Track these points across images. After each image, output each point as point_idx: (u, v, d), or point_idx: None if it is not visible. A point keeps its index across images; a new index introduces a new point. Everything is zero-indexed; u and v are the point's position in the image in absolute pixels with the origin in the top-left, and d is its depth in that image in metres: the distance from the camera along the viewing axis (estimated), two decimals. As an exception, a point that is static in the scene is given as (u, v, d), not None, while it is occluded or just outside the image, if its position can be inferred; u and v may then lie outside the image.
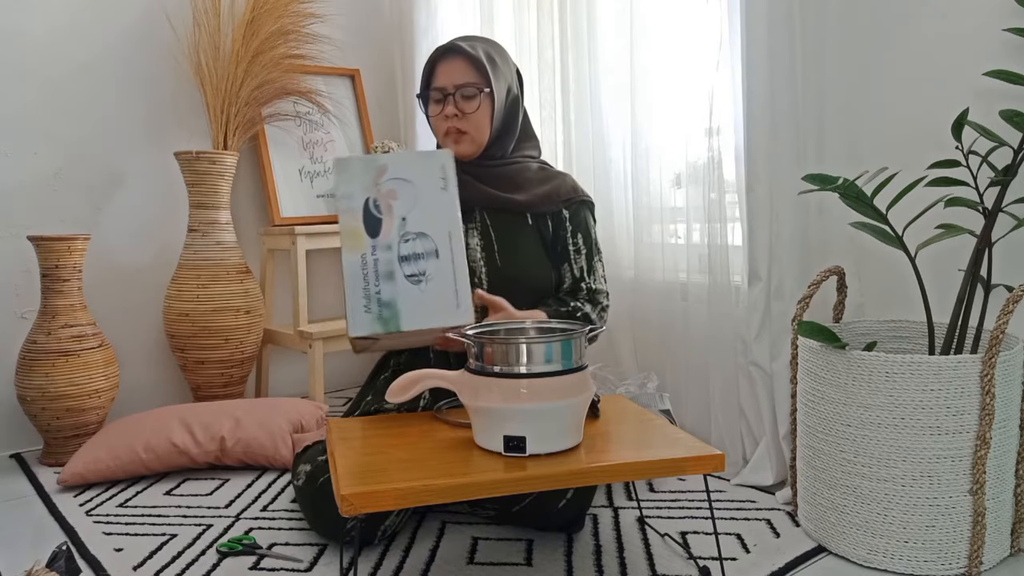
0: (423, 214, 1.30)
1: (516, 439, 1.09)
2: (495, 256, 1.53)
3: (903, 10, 1.52)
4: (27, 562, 1.37)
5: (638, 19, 1.89)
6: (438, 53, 1.55)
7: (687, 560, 1.34)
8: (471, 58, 1.52)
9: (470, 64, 1.52)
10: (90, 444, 1.80)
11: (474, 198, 1.55)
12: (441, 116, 1.54)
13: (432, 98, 1.56)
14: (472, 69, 1.52)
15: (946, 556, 1.26)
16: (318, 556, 1.38)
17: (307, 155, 2.50)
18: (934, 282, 1.46)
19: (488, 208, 1.56)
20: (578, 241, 1.58)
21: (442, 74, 1.54)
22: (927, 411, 1.24)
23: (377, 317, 1.25)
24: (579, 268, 1.58)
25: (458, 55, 1.53)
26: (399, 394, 1.16)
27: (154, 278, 2.29)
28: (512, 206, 1.55)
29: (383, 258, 1.27)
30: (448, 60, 1.53)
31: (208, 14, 2.23)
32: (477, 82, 1.52)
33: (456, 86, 1.52)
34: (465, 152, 1.56)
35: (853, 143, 1.60)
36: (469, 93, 1.52)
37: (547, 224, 1.58)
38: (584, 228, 1.60)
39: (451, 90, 1.52)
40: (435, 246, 1.29)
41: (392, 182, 1.29)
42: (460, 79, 1.52)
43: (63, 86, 2.13)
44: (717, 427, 1.77)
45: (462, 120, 1.53)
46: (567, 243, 1.58)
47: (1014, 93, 1.35)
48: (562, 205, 1.58)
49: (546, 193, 1.57)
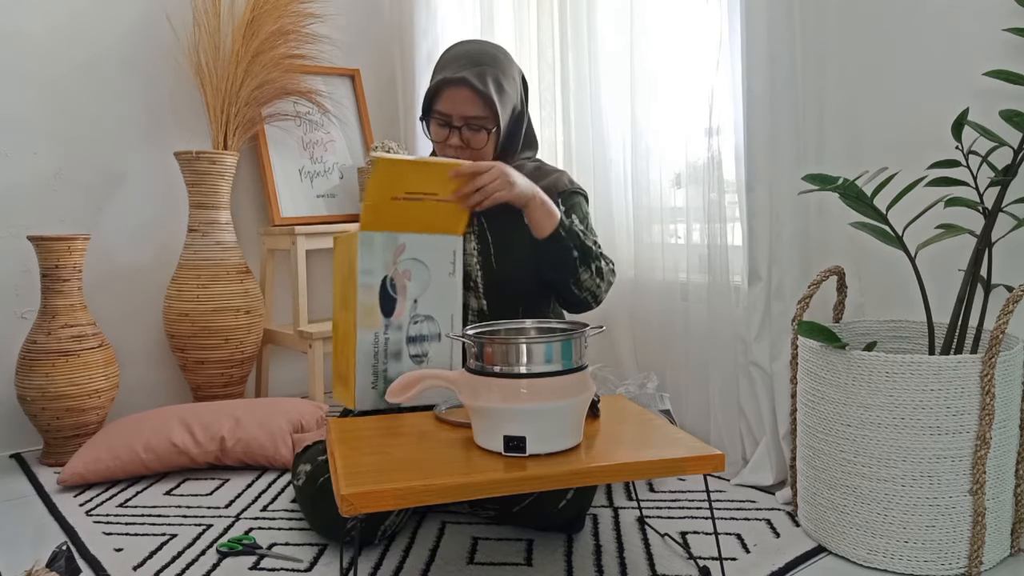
0: (432, 297, 1.36)
1: (516, 439, 1.09)
2: (491, 259, 1.53)
3: (903, 10, 1.52)
4: (27, 562, 1.37)
5: (638, 19, 1.89)
6: (441, 81, 1.48)
7: (687, 560, 1.34)
8: (481, 94, 1.47)
9: (479, 98, 1.48)
10: (90, 444, 1.80)
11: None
12: (445, 145, 1.51)
13: (436, 121, 1.51)
14: (481, 103, 1.48)
15: (946, 556, 1.26)
16: (318, 556, 1.38)
17: (307, 155, 2.50)
18: (934, 282, 1.46)
19: (485, 212, 1.56)
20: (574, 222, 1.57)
21: (448, 101, 1.48)
22: (927, 411, 1.24)
23: (381, 394, 1.33)
24: None
25: (466, 87, 1.47)
26: (399, 394, 1.16)
27: (154, 278, 2.29)
28: (509, 208, 1.55)
29: (393, 338, 1.33)
30: (456, 89, 1.47)
31: (208, 14, 2.23)
32: (485, 117, 1.48)
33: (463, 118, 1.48)
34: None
35: (853, 143, 1.60)
36: (476, 127, 1.49)
37: None
38: (579, 212, 1.58)
39: (458, 122, 1.49)
40: (439, 329, 1.37)
41: (408, 262, 1.34)
42: (468, 111, 1.48)
43: (63, 86, 2.13)
44: (717, 427, 1.77)
45: (466, 152, 1.51)
46: None
47: (1014, 93, 1.35)
48: (558, 197, 1.57)
49: (543, 188, 1.56)
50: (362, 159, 2.60)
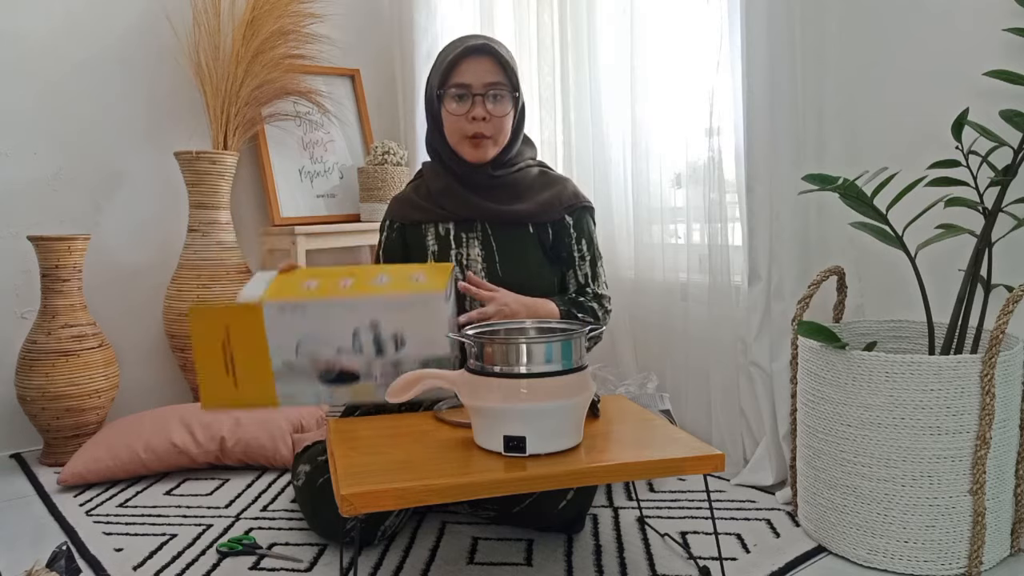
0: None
1: (516, 439, 1.09)
2: (496, 267, 1.53)
3: (903, 10, 1.52)
4: (27, 562, 1.37)
5: (638, 19, 1.89)
6: (462, 52, 1.46)
7: (687, 560, 1.34)
8: (500, 59, 1.46)
9: (498, 65, 1.47)
10: (90, 444, 1.80)
11: (476, 213, 1.53)
12: (466, 117, 1.47)
13: (454, 95, 1.47)
14: (501, 70, 1.47)
15: (946, 556, 1.26)
16: (318, 556, 1.38)
17: (307, 155, 2.50)
18: (934, 282, 1.46)
19: (488, 218, 1.55)
20: (582, 247, 1.58)
21: (468, 72, 1.46)
22: (927, 411, 1.24)
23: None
24: (583, 274, 1.58)
25: (486, 55, 1.46)
26: (399, 394, 1.16)
27: (154, 278, 2.29)
28: (514, 217, 1.54)
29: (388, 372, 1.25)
30: (475, 59, 1.46)
31: (208, 14, 2.23)
32: (506, 83, 1.47)
33: (485, 85, 1.46)
34: (483, 157, 1.51)
35: (853, 143, 1.60)
36: (498, 93, 1.47)
37: (547, 231, 1.57)
38: (587, 234, 1.59)
39: (480, 90, 1.46)
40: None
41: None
42: (489, 78, 1.46)
43: (63, 86, 2.13)
44: (717, 427, 1.77)
45: (489, 123, 1.48)
46: (572, 249, 1.57)
47: (1014, 93, 1.35)
48: (564, 212, 1.57)
49: (548, 201, 1.55)
50: (362, 159, 2.61)
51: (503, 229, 1.55)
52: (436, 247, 1.55)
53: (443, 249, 1.54)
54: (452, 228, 1.55)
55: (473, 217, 1.54)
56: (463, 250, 1.54)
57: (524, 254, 1.54)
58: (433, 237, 1.56)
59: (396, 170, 2.42)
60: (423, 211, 1.57)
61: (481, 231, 1.55)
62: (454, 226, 1.55)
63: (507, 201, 1.55)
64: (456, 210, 1.54)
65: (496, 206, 1.53)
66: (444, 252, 1.54)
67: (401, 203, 1.61)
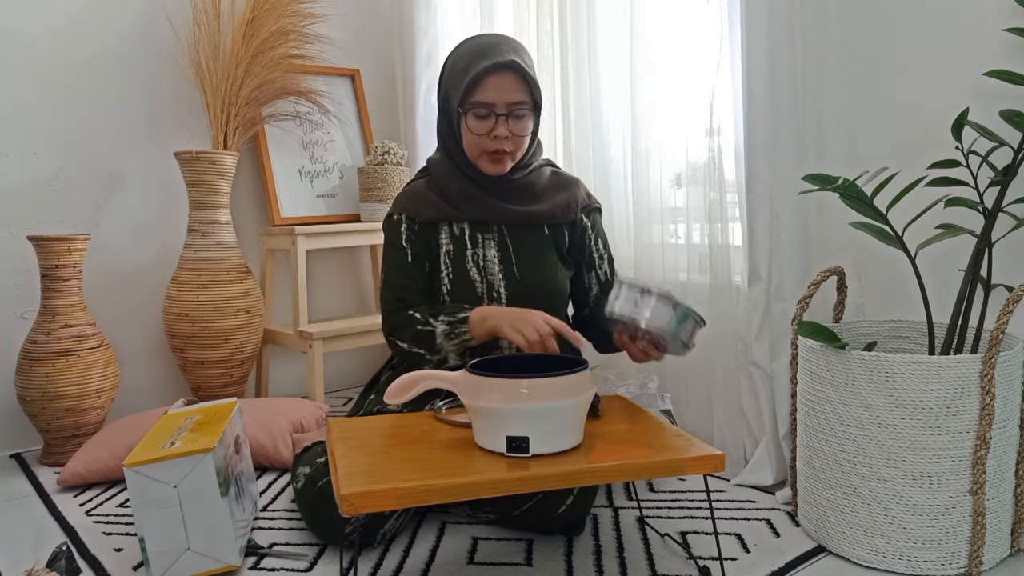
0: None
1: (519, 439, 1.09)
2: (513, 268, 1.52)
3: (903, 10, 1.52)
4: (27, 562, 1.37)
5: (638, 19, 1.89)
6: (487, 69, 1.42)
7: (687, 560, 1.34)
8: (524, 75, 1.43)
9: (523, 82, 1.44)
10: (90, 444, 1.80)
11: (492, 215, 1.52)
12: (488, 136, 1.45)
13: (476, 113, 1.44)
14: (525, 87, 1.44)
15: (946, 556, 1.26)
16: (318, 556, 1.38)
17: (307, 155, 2.50)
18: (934, 282, 1.46)
19: (504, 220, 1.54)
20: (600, 247, 1.60)
21: (492, 90, 1.42)
22: (927, 411, 1.24)
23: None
24: (604, 272, 1.60)
25: (511, 71, 1.42)
26: (399, 395, 1.16)
27: (154, 278, 2.29)
28: (530, 219, 1.53)
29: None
30: (500, 75, 1.42)
31: (208, 14, 2.23)
32: (527, 102, 1.45)
33: (509, 105, 1.43)
34: (502, 172, 1.49)
35: (853, 143, 1.60)
36: (521, 113, 1.44)
37: (563, 232, 1.57)
38: (603, 234, 1.62)
39: (503, 109, 1.43)
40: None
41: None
42: (512, 97, 1.43)
43: (63, 86, 2.13)
44: (717, 427, 1.77)
45: (510, 140, 1.46)
46: (591, 251, 1.59)
47: (1014, 93, 1.35)
48: (580, 213, 1.57)
49: (564, 202, 1.55)
50: (362, 159, 2.61)
51: (519, 230, 1.55)
52: (451, 246, 1.53)
53: (458, 249, 1.53)
54: (467, 228, 1.54)
55: (489, 219, 1.53)
56: (479, 250, 1.53)
57: (540, 255, 1.54)
58: (447, 236, 1.54)
59: (396, 170, 2.42)
60: (437, 209, 1.54)
61: (497, 232, 1.54)
62: (469, 226, 1.54)
63: (523, 202, 1.54)
64: (472, 211, 1.53)
65: (513, 207, 1.53)
66: (459, 252, 1.53)
67: (412, 199, 1.56)
